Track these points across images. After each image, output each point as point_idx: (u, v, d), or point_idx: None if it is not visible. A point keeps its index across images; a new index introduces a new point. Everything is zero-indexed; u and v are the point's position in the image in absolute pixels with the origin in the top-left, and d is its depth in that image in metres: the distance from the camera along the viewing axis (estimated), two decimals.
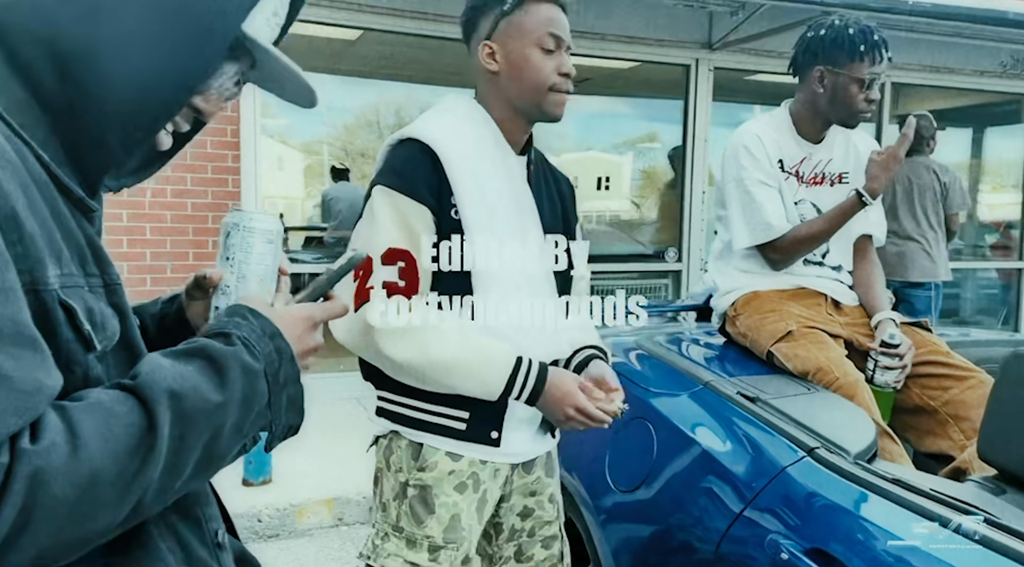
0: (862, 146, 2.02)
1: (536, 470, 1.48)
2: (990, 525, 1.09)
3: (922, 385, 1.84)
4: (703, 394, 1.69)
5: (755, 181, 1.92)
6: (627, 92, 5.71)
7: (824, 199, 1.98)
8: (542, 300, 1.34)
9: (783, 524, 1.32)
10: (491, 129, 1.37)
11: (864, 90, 1.84)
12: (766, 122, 2.01)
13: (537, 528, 1.49)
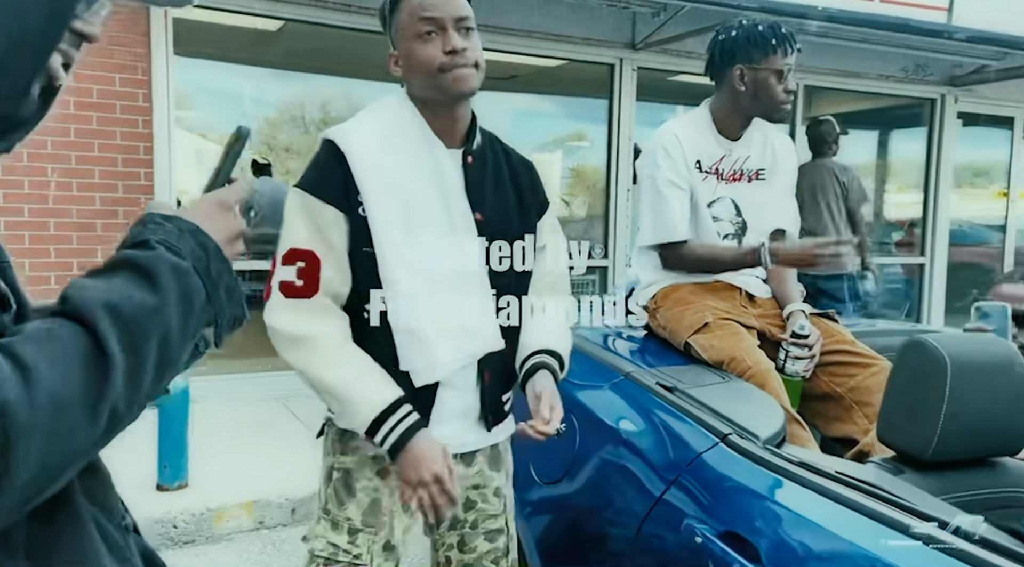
0: (779, 143, 2.10)
1: (478, 463, 1.46)
2: (889, 503, 1.15)
3: (829, 373, 1.93)
4: (624, 385, 1.72)
5: (667, 181, 1.97)
6: (555, 90, 5.76)
7: (742, 195, 2.05)
8: (469, 299, 1.33)
9: (698, 508, 1.36)
10: (419, 125, 1.36)
11: (782, 81, 1.92)
12: (687, 121, 2.05)
13: (480, 520, 1.48)
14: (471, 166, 1.38)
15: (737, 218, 2.07)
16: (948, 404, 1.30)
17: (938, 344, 1.33)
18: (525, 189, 1.46)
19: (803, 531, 1.19)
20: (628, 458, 1.57)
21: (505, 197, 1.42)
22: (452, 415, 1.39)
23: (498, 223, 1.38)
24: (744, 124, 2.03)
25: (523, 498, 1.81)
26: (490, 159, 1.43)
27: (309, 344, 1.27)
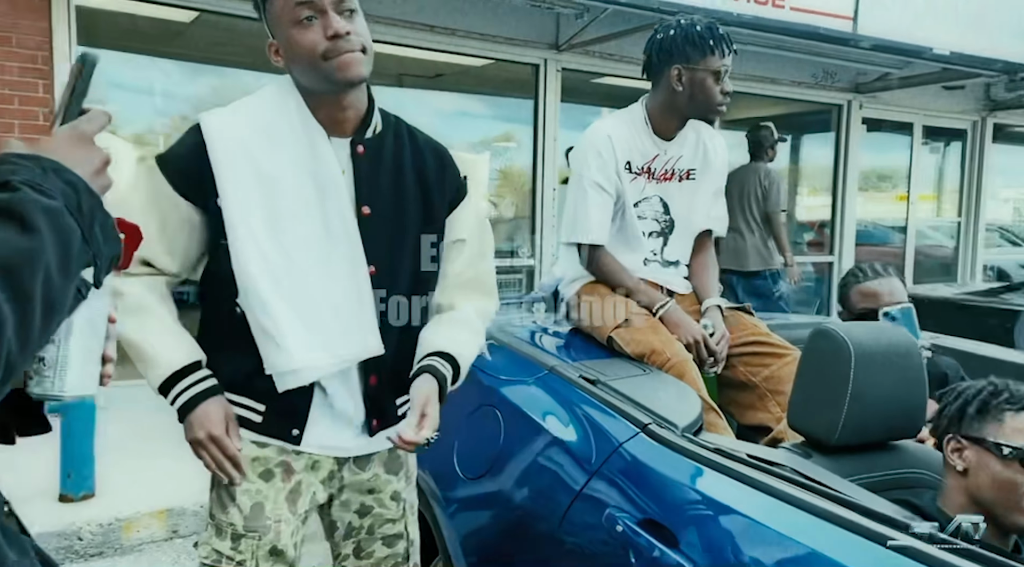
0: (711, 144, 2.12)
1: (373, 467, 1.42)
2: (799, 485, 1.19)
3: (745, 363, 1.99)
4: (548, 379, 1.74)
5: (593, 183, 1.99)
6: (481, 90, 5.77)
7: (672, 193, 2.09)
8: (343, 300, 1.26)
9: (619, 498, 1.38)
10: (300, 114, 1.27)
11: (719, 82, 1.93)
12: (622, 121, 2.05)
13: (377, 526, 1.44)
14: (362, 156, 1.30)
15: (665, 216, 2.11)
16: (852, 390, 1.36)
17: (842, 333, 1.39)
18: (432, 179, 1.36)
19: (718, 515, 1.23)
20: (552, 451, 1.58)
21: (404, 189, 1.33)
22: (329, 418, 1.33)
23: (392, 218, 1.31)
24: (680, 125, 2.03)
25: (448, 496, 1.80)
26: (389, 148, 1.34)
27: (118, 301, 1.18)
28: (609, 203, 2.01)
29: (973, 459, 1.24)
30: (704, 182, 2.11)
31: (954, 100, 7.21)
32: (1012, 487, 1.19)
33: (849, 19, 4.84)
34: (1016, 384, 1.24)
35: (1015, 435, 1.20)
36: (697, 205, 2.11)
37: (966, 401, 1.28)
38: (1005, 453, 1.19)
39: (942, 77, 6.21)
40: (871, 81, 6.54)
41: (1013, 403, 1.22)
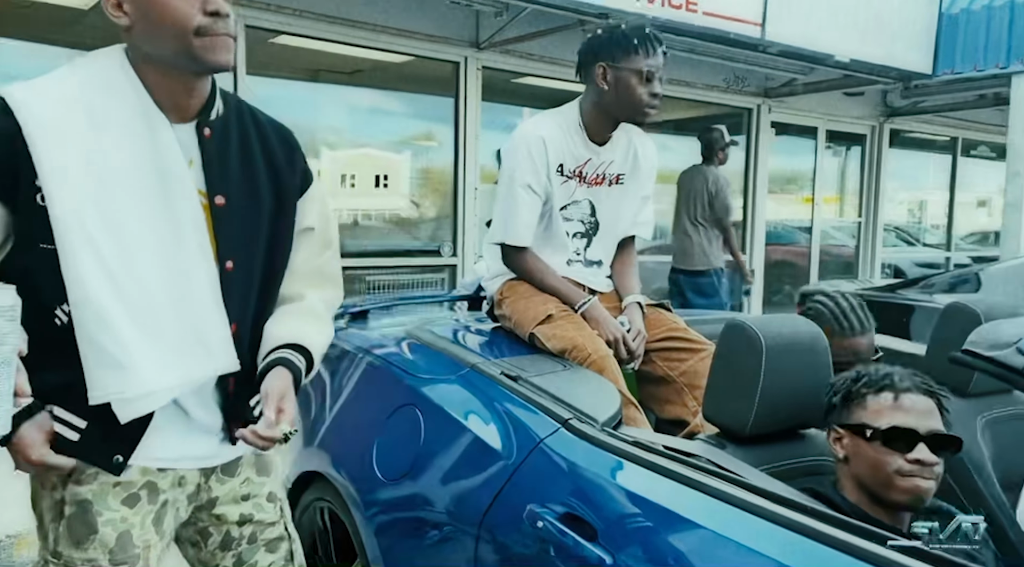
0: (641, 149, 2.13)
1: (243, 472, 1.33)
2: (713, 475, 1.22)
3: (663, 358, 2.04)
4: (469, 376, 1.72)
5: (523, 185, 1.98)
6: (400, 87, 5.69)
7: (601, 197, 2.10)
8: (195, 308, 1.13)
9: (540, 494, 1.38)
10: (136, 93, 1.11)
11: (645, 83, 1.91)
12: (556, 122, 2.02)
13: (259, 533, 1.35)
14: (209, 141, 1.17)
15: (591, 218, 2.13)
16: (764, 382, 1.41)
17: (754, 326, 1.44)
18: (281, 163, 1.25)
19: (636, 507, 1.25)
20: (473, 449, 1.57)
21: (256, 174, 1.22)
22: (183, 429, 1.22)
23: (247, 206, 1.19)
24: (611, 127, 2.02)
25: (367, 498, 1.76)
26: (235, 130, 1.21)
27: None
28: (538, 205, 2.01)
29: (850, 445, 1.31)
30: (632, 187, 2.13)
31: (855, 106, 7.60)
32: (881, 465, 1.25)
33: (758, 25, 5.03)
34: (879, 367, 1.32)
35: (876, 416, 1.27)
36: (624, 210, 2.14)
37: (835, 392, 1.35)
38: (868, 435, 1.26)
39: (843, 83, 6.54)
40: (778, 86, 6.82)
41: (871, 386, 1.30)
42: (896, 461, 1.24)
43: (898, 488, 1.24)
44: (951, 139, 8.93)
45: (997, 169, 9.75)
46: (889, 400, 1.28)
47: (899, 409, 1.27)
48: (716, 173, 4.94)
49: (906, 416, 1.26)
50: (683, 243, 4.95)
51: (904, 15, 5.85)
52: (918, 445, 1.23)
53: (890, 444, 1.24)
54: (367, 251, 5.37)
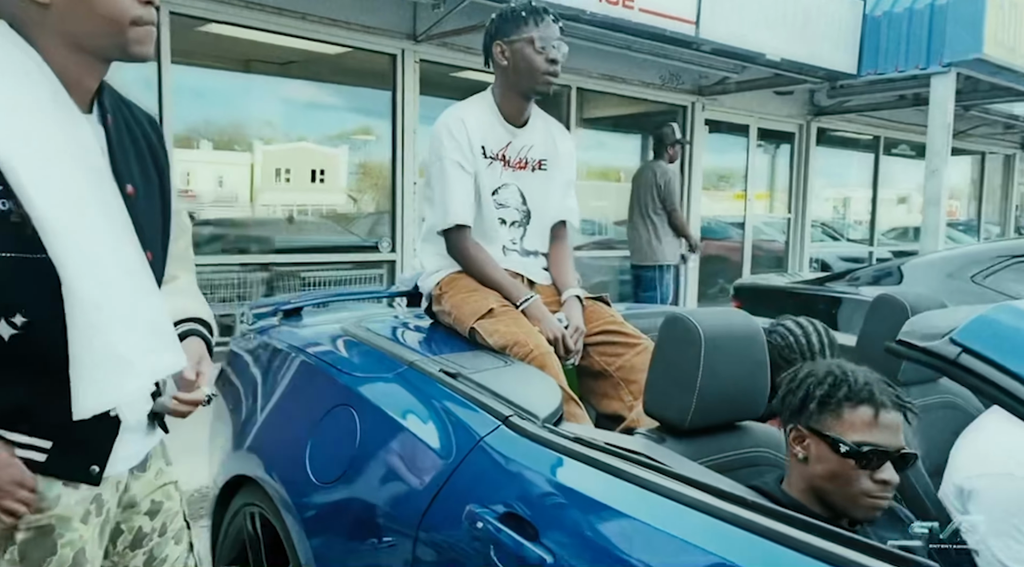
0: (559, 137, 2.17)
1: (154, 462, 1.29)
2: (654, 471, 1.21)
3: (601, 352, 2.03)
4: (407, 374, 1.68)
5: (453, 163, 1.98)
6: (337, 79, 5.57)
7: (527, 184, 2.11)
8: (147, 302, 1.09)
9: (480, 493, 1.35)
10: (47, 81, 1.03)
11: (539, 51, 1.96)
12: (473, 106, 2.07)
13: (168, 522, 1.31)
14: (111, 128, 1.12)
15: (523, 206, 2.12)
16: (703, 374, 1.41)
17: (693, 319, 1.44)
18: (157, 147, 1.21)
19: (578, 505, 1.23)
20: (411, 449, 1.53)
21: (146, 162, 1.19)
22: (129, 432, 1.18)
23: (148, 195, 1.16)
24: (523, 104, 2.06)
25: (299, 502, 1.70)
26: (122, 118, 1.17)
27: None
28: (470, 182, 2.01)
29: (813, 450, 1.26)
30: (555, 172, 2.15)
31: (784, 105, 7.82)
32: (847, 481, 1.23)
33: (692, 23, 5.10)
34: (855, 372, 1.27)
35: (851, 429, 1.22)
36: (551, 195, 2.15)
37: (808, 393, 1.28)
38: (842, 451, 1.22)
39: (773, 82, 6.71)
40: (712, 84, 6.96)
41: (851, 398, 1.23)
42: (864, 481, 1.22)
43: (860, 506, 1.23)
44: (874, 138, 9.29)
45: (916, 167, 10.22)
46: (868, 416, 1.23)
47: (876, 427, 1.23)
48: (665, 168, 5.09)
49: (881, 435, 1.23)
50: (632, 238, 5.12)
51: (830, 16, 6.04)
52: (885, 464, 1.22)
53: (862, 463, 1.22)
54: (302, 247, 5.25)
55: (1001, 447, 1.44)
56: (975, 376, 0.93)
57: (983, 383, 0.92)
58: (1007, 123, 9.27)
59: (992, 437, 1.49)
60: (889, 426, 1.24)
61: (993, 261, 3.18)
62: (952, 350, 0.96)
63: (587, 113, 6.52)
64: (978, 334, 0.95)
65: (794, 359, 1.86)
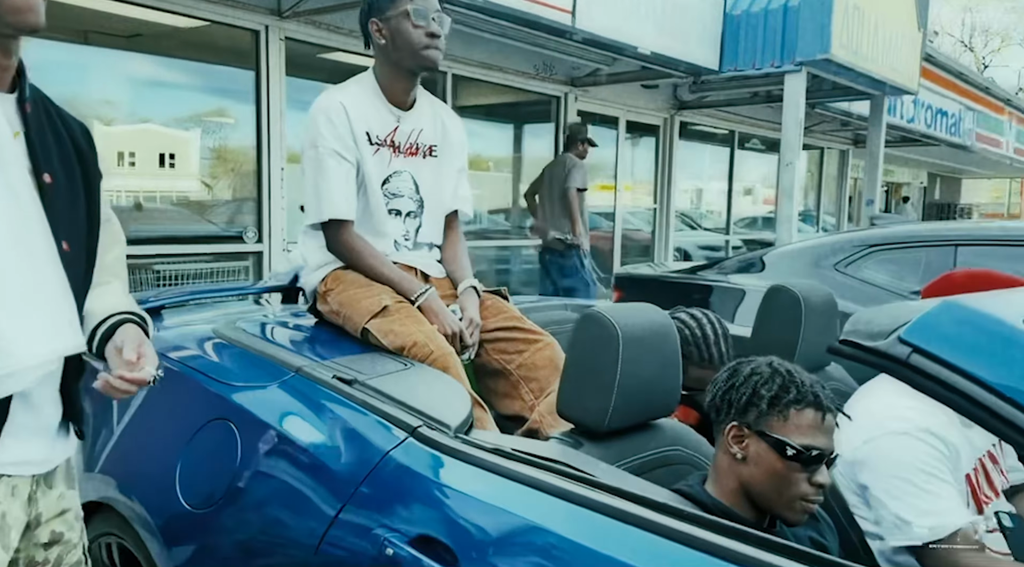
0: (449, 122, 2.05)
1: (58, 483, 1.20)
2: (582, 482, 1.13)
3: (499, 349, 1.93)
4: (295, 382, 1.51)
5: (330, 152, 1.83)
6: (191, 55, 5.10)
7: (420, 170, 1.98)
8: (44, 282, 1.07)
9: (388, 514, 1.22)
10: None
11: (417, 25, 1.84)
12: (353, 88, 1.92)
13: (65, 555, 1.21)
14: (30, 115, 1.10)
15: (417, 195, 1.99)
16: (621, 374, 1.34)
17: (610, 316, 1.37)
18: (84, 147, 1.20)
19: (502, 523, 1.13)
20: (304, 466, 1.37)
21: (68, 154, 1.17)
22: (32, 426, 1.12)
23: (69, 185, 1.14)
24: (408, 86, 1.94)
25: (168, 531, 1.49)
26: (44, 112, 1.16)
27: None
28: (352, 173, 1.85)
29: (753, 450, 1.23)
30: (446, 159, 2.04)
31: (651, 98, 8.05)
32: (787, 484, 1.21)
33: (568, 12, 5.10)
34: (799, 373, 1.25)
35: (796, 432, 1.20)
36: (443, 183, 2.03)
37: (755, 392, 1.24)
38: (789, 454, 1.19)
39: (642, 75, 6.87)
40: (584, 75, 7.03)
41: (799, 401, 1.21)
42: (802, 484, 1.20)
43: (795, 510, 1.22)
44: (729, 132, 9.79)
45: (763, 160, 10.92)
46: (814, 419, 1.21)
47: (820, 431, 1.21)
48: (574, 161, 5.43)
49: (824, 438, 1.21)
50: (543, 226, 5.53)
51: (695, 12, 6.24)
52: (821, 467, 1.20)
53: (805, 466, 1.19)
54: (153, 237, 4.79)
55: (876, 413, 1.48)
56: (927, 377, 0.91)
57: (935, 384, 0.91)
58: (843, 120, 10.04)
59: (868, 406, 1.53)
60: (829, 429, 1.23)
61: (854, 250, 3.38)
62: (902, 350, 0.94)
63: (461, 101, 6.39)
64: (927, 332, 0.94)
65: (690, 352, 1.86)
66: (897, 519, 1.45)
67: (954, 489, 1.47)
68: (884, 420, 1.44)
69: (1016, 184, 29.03)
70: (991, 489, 1.63)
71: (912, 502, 1.43)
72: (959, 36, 34.72)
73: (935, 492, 1.43)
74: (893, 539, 1.46)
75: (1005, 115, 13.33)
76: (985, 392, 0.85)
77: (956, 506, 1.44)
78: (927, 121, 10.39)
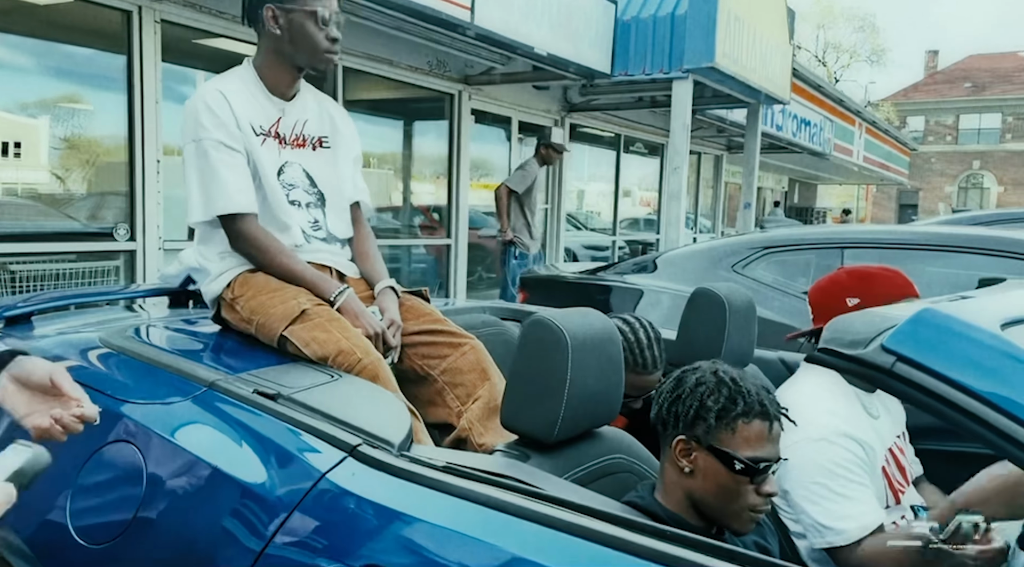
0: (336, 113, 1.95)
1: None
2: (542, 499, 1.07)
3: (421, 354, 1.84)
4: (208, 398, 1.35)
5: (216, 143, 1.68)
6: (50, 36, 4.61)
7: (311, 163, 1.86)
8: None
9: (328, 545, 1.11)
10: None
11: (321, 26, 1.74)
12: (232, 79, 1.79)
13: None
14: None
15: (313, 189, 1.87)
16: (571, 381, 1.29)
17: (558, 322, 1.31)
18: None
19: (462, 550, 1.04)
20: (224, 494, 1.22)
21: None
22: None
23: None
24: (292, 79, 1.82)
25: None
26: None
27: None
28: (242, 162, 1.71)
29: (701, 463, 1.21)
30: (340, 151, 1.93)
31: (541, 99, 8.11)
32: (734, 497, 1.19)
33: (467, 8, 5.02)
34: (744, 382, 1.23)
35: (745, 444, 1.19)
36: (341, 174, 1.92)
37: (703, 405, 1.21)
38: (738, 468, 1.18)
39: (535, 76, 6.90)
40: (478, 74, 6.97)
41: (747, 413, 1.19)
42: (751, 495, 1.19)
43: (743, 520, 1.21)
44: (616, 135, 10.04)
45: (644, 163, 11.28)
46: (761, 430, 1.20)
47: (767, 441, 1.20)
48: (527, 164, 5.79)
49: (772, 448, 1.20)
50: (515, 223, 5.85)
51: (588, 15, 6.33)
52: (768, 476, 1.19)
53: (753, 479, 1.18)
54: (4, 234, 4.30)
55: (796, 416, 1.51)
56: (912, 386, 0.91)
57: (920, 393, 0.91)
58: (719, 127, 10.55)
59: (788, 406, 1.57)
60: (776, 438, 1.22)
61: (749, 252, 3.51)
62: (886, 359, 0.93)
63: (351, 95, 6.17)
64: (910, 341, 0.94)
65: (624, 358, 1.84)
66: (816, 524, 1.49)
67: (869, 491, 1.53)
68: (803, 425, 1.47)
69: (863, 190, 31.73)
70: (903, 477, 1.71)
71: (829, 507, 1.48)
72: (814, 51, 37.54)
73: (851, 496, 1.49)
74: (814, 542, 1.51)
75: (855, 126, 14.46)
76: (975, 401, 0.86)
77: (871, 508, 1.49)
78: (793, 130, 11.09)
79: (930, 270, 3.15)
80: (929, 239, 3.39)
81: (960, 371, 0.89)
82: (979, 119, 36.96)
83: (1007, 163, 35.91)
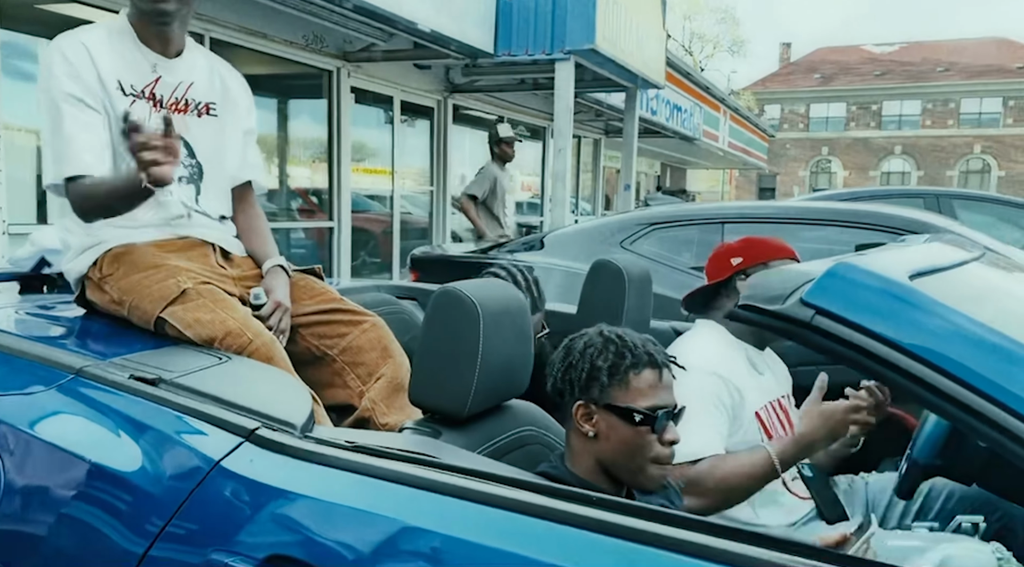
0: (230, 78, 1.78)
1: None
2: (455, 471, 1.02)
3: (318, 334, 1.73)
4: (76, 386, 1.20)
5: (67, 96, 1.50)
6: None
7: (193, 132, 1.68)
8: None
9: (225, 537, 1.01)
10: None
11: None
12: (99, 29, 1.60)
13: None
14: None
15: (191, 160, 1.69)
16: (483, 355, 1.25)
17: (469, 294, 1.26)
18: None
19: (373, 529, 0.98)
20: (101, 489, 1.09)
21: None
22: None
23: None
24: (158, 32, 1.62)
25: None
26: None
27: None
28: (96, 121, 1.53)
29: (603, 425, 1.21)
30: (229, 119, 1.76)
31: (424, 79, 7.96)
32: (639, 450, 1.20)
33: None
34: (630, 336, 1.23)
35: (640, 396, 1.20)
36: (227, 147, 1.76)
37: (594, 366, 1.21)
38: (637, 420, 1.18)
39: (418, 55, 6.75)
40: (357, 51, 6.74)
41: (636, 365, 1.20)
42: (655, 446, 1.19)
43: (651, 476, 1.21)
44: (498, 118, 10.04)
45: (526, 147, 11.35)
46: (653, 379, 1.20)
47: (661, 388, 1.21)
48: (486, 168, 5.69)
49: (666, 394, 1.21)
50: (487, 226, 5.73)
51: None
52: (668, 424, 1.20)
53: (654, 427, 1.18)
54: None
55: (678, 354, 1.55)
56: (832, 338, 0.92)
57: (840, 345, 0.92)
58: (597, 110, 10.76)
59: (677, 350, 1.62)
60: (669, 385, 1.24)
61: (637, 228, 3.59)
62: (805, 312, 0.94)
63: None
64: (828, 294, 0.95)
65: None
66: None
67: (717, 425, 1.65)
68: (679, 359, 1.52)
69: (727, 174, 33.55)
70: (786, 432, 1.79)
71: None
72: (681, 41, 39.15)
73: (700, 422, 1.57)
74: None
75: (720, 113, 15.22)
76: (892, 350, 0.89)
77: (712, 438, 1.62)
78: (666, 115, 11.50)
79: (803, 242, 3.35)
80: (802, 213, 3.61)
81: (876, 322, 0.92)
82: (827, 108, 39.97)
83: (851, 149, 39.08)
